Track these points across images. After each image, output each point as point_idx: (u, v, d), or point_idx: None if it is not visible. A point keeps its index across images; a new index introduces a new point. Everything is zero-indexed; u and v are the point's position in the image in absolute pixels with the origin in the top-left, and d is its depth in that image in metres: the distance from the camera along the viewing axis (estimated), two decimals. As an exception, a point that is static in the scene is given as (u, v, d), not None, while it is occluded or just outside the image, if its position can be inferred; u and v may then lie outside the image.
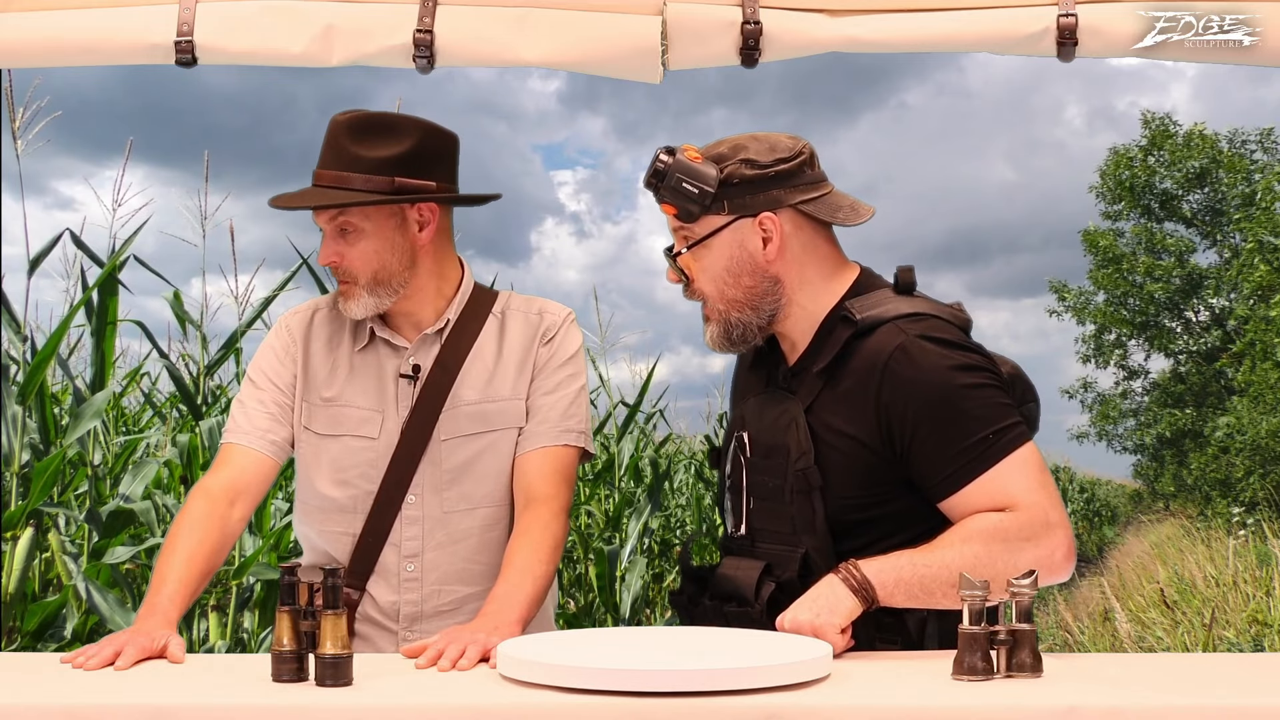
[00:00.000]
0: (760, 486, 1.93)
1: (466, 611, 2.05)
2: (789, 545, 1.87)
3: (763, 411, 1.96)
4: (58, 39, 2.02)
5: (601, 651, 1.61)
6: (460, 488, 2.06)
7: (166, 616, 1.82)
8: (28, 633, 4.10)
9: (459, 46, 2.02)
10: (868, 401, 1.84)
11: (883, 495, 1.86)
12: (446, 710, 1.47)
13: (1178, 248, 23.69)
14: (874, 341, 1.86)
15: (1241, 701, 1.48)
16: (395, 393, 2.07)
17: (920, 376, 1.81)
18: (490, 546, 2.07)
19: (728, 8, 2.00)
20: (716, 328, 1.95)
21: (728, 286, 1.92)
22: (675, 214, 1.91)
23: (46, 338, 4.29)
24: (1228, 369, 21.79)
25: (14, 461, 4.15)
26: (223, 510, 1.99)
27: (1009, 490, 1.78)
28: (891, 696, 1.50)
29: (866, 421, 1.84)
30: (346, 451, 2.07)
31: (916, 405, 1.81)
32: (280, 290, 4.95)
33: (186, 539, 1.94)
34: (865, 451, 1.84)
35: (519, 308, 2.15)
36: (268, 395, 2.09)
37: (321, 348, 2.11)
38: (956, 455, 1.80)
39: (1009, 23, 1.99)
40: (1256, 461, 18.10)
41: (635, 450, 7.51)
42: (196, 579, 1.91)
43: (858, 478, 1.85)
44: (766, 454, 1.92)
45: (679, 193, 1.88)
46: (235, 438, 2.07)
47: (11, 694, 1.53)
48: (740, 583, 1.86)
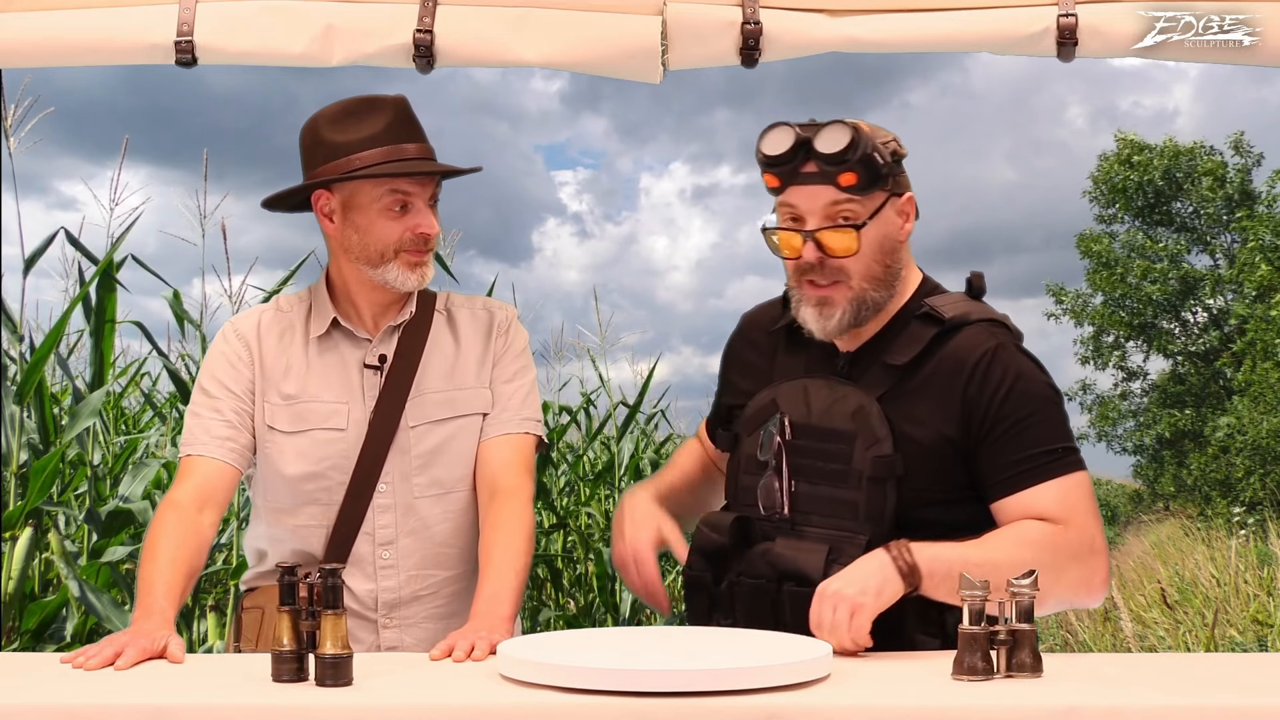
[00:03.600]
0: (810, 470, 1.92)
1: (444, 596, 2.10)
2: (847, 531, 1.87)
3: (812, 396, 1.95)
4: (58, 39, 2.02)
5: (601, 651, 1.61)
6: (430, 473, 2.08)
7: (164, 616, 1.81)
8: (27, 632, 4.10)
9: (459, 46, 2.02)
10: (953, 396, 1.88)
11: (952, 495, 1.89)
12: (446, 710, 1.47)
13: (1168, 251, 23.72)
14: (962, 341, 1.91)
15: (1242, 701, 1.48)
16: (361, 383, 2.09)
17: (1009, 380, 1.88)
18: (464, 530, 2.11)
19: (728, 8, 2.00)
20: (848, 308, 1.91)
21: (874, 263, 1.92)
22: (854, 184, 1.87)
23: (45, 337, 4.29)
24: (1227, 369, 21.80)
25: (13, 461, 4.15)
26: (193, 517, 1.98)
27: (1064, 505, 1.84)
28: (891, 696, 1.50)
29: (950, 415, 1.88)
30: (315, 445, 2.07)
31: (999, 403, 1.87)
32: (280, 288, 4.94)
33: (166, 544, 1.92)
34: (945, 444, 1.88)
35: (463, 305, 2.20)
36: (224, 403, 2.07)
37: (273, 347, 2.11)
38: (1025, 459, 1.86)
39: (1009, 23, 1.99)
40: (1257, 461, 18.11)
41: (636, 450, 7.50)
42: (183, 581, 1.91)
43: (934, 471, 1.88)
44: (821, 438, 1.91)
45: (868, 163, 1.87)
46: (194, 449, 2.05)
47: (11, 694, 1.53)
48: (803, 564, 1.84)
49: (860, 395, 1.92)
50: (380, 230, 2.03)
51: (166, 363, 4.81)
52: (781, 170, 1.90)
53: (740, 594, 1.90)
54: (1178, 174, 23.42)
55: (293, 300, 2.18)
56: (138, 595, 1.89)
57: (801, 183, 1.89)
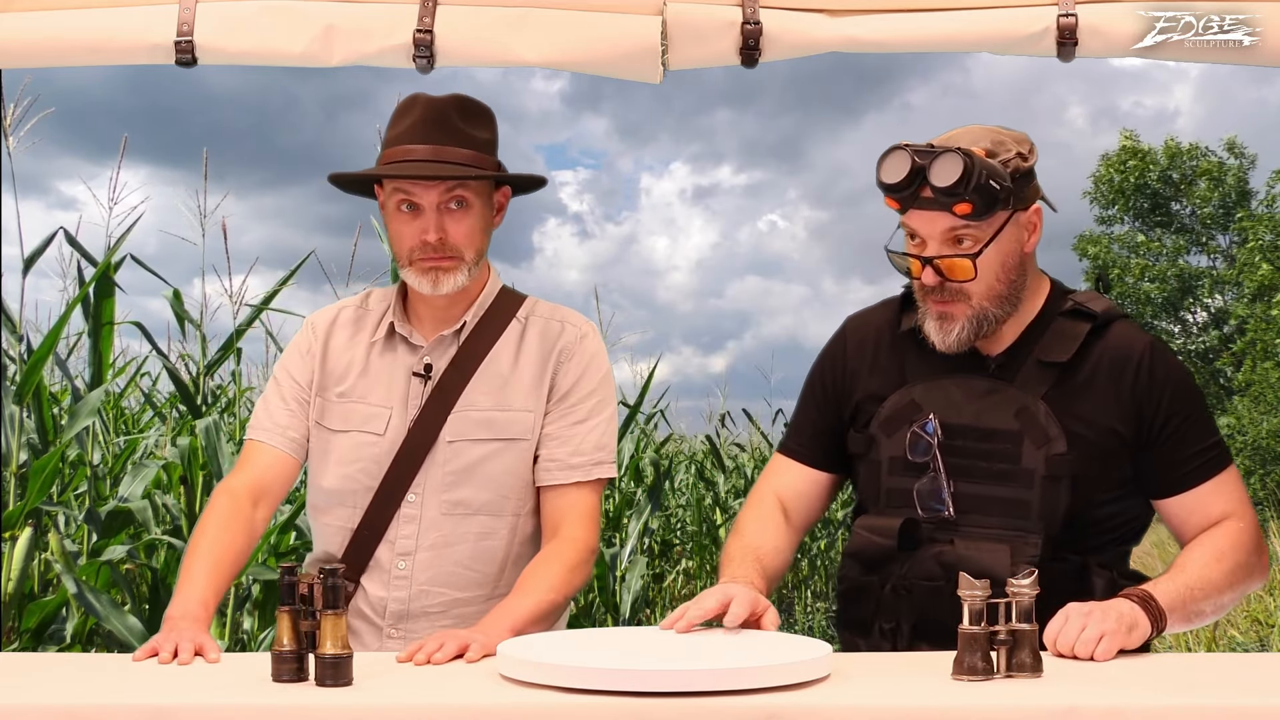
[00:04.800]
0: (971, 469, 1.91)
1: (453, 616, 2.05)
2: (1018, 530, 1.88)
3: (962, 395, 1.95)
4: (58, 39, 2.02)
5: (601, 651, 1.61)
6: (460, 491, 2.05)
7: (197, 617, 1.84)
8: (27, 632, 4.10)
9: (459, 46, 2.02)
10: (1122, 391, 1.92)
11: (1119, 493, 1.94)
12: (446, 710, 1.47)
13: (1166, 250, 23.73)
14: (1118, 336, 1.96)
15: (1242, 702, 1.48)
16: (406, 391, 2.07)
17: (1173, 375, 1.95)
18: (484, 556, 2.06)
19: (728, 8, 2.00)
20: (968, 325, 1.92)
21: (997, 281, 1.93)
22: (969, 213, 1.87)
23: (45, 337, 4.30)
24: (1227, 369, 21.79)
25: (12, 461, 4.15)
26: (246, 510, 2.01)
27: (1235, 499, 1.94)
28: (891, 696, 1.50)
29: (1121, 410, 1.92)
30: (353, 446, 2.07)
31: (1170, 399, 1.93)
32: (280, 288, 4.94)
33: (215, 538, 1.96)
34: (1115, 441, 1.92)
35: (542, 314, 2.13)
36: (288, 392, 2.11)
37: (341, 344, 2.12)
38: (1197, 454, 1.93)
39: (1009, 23, 1.99)
40: (1257, 461, 18.11)
41: (636, 450, 7.50)
42: (225, 577, 1.94)
43: (1104, 468, 1.91)
44: (982, 438, 1.91)
45: (985, 191, 1.87)
46: (256, 434, 2.10)
47: (11, 694, 1.53)
48: (987, 563, 1.84)
49: (1020, 394, 1.92)
50: (396, 232, 2.05)
51: (166, 363, 4.81)
52: (900, 196, 1.90)
53: (912, 597, 1.89)
54: (1174, 175, 23.44)
55: (381, 296, 2.17)
56: (179, 584, 1.92)
57: (920, 207, 1.90)
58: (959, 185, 1.84)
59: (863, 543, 1.95)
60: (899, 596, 1.90)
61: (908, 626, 1.87)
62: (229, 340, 4.78)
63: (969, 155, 1.86)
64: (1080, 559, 1.90)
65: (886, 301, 2.12)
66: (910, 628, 1.87)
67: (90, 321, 4.42)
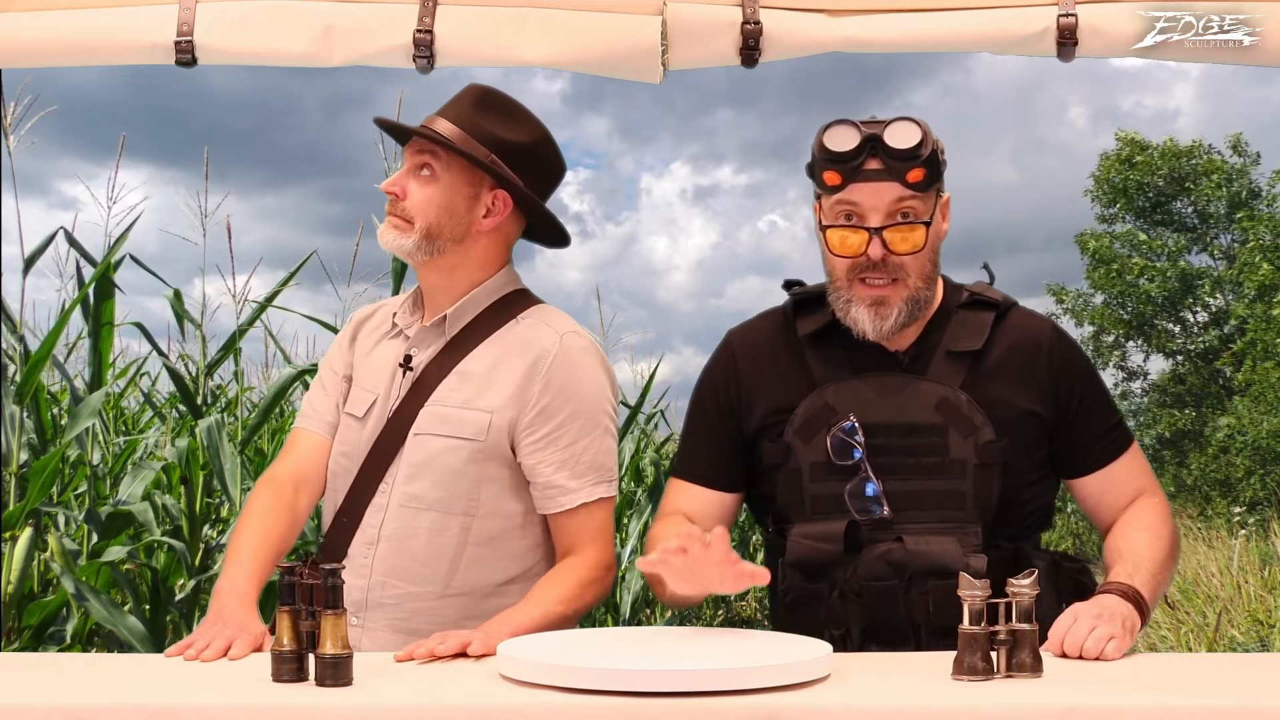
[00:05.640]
0: (898, 466, 1.90)
1: (405, 610, 2.01)
2: (955, 522, 1.88)
3: (878, 394, 1.93)
4: (58, 39, 2.02)
5: (601, 651, 1.61)
6: (416, 485, 2.03)
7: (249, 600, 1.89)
8: (28, 631, 4.10)
9: (459, 46, 2.02)
10: (1036, 374, 1.96)
11: (1040, 475, 1.97)
12: (446, 710, 1.47)
13: (1167, 249, 23.74)
14: (1021, 323, 2.00)
15: (1242, 702, 1.48)
16: (390, 380, 2.09)
17: (1081, 357, 2.03)
18: (436, 554, 2.01)
19: (728, 8, 2.00)
20: (903, 307, 1.91)
21: (928, 262, 1.94)
22: (920, 181, 1.87)
23: (44, 338, 4.29)
24: (1227, 368, 21.80)
25: (12, 461, 4.15)
26: (289, 497, 2.06)
27: (1144, 472, 2.02)
28: (891, 696, 1.50)
29: (1038, 393, 1.95)
30: (344, 429, 2.12)
31: (1081, 379, 2.00)
32: (281, 288, 4.94)
33: (258, 523, 2.01)
34: (1036, 423, 1.95)
35: (540, 321, 2.06)
36: (327, 380, 2.17)
37: (368, 334, 2.18)
38: (1108, 430, 2.00)
39: (1009, 23, 1.99)
40: (1257, 461, 18.10)
41: (636, 450, 7.50)
42: (271, 559, 1.98)
43: (1032, 449, 1.95)
44: (905, 434, 1.91)
45: (933, 160, 1.88)
46: (301, 422, 2.17)
47: (12, 694, 1.53)
48: (939, 557, 1.84)
49: (938, 386, 1.93)
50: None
51: (166, 363, 4.81)
52: (845, 167, 1.87)
53: (861, 600, 1.87)
54: (1176, 174, 23.45)
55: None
56: (224, 568, 1.97)
57: (865, 179, 1.87)
58: (919, 148, 1.85)
59: (805, 551, 1.90)
60: (847, 601, 1.87)
61: (857, 630, 1.85)
62: (229, 340, 4.78)
63: (921, 122, 1.87)
64: (1013, 545, 1.92)
65: (768, 312, 2.09)
66: (860, 631, 1.85)
67: (90, 322, 4.42)
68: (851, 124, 1.87)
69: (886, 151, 1.85)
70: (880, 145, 1.86)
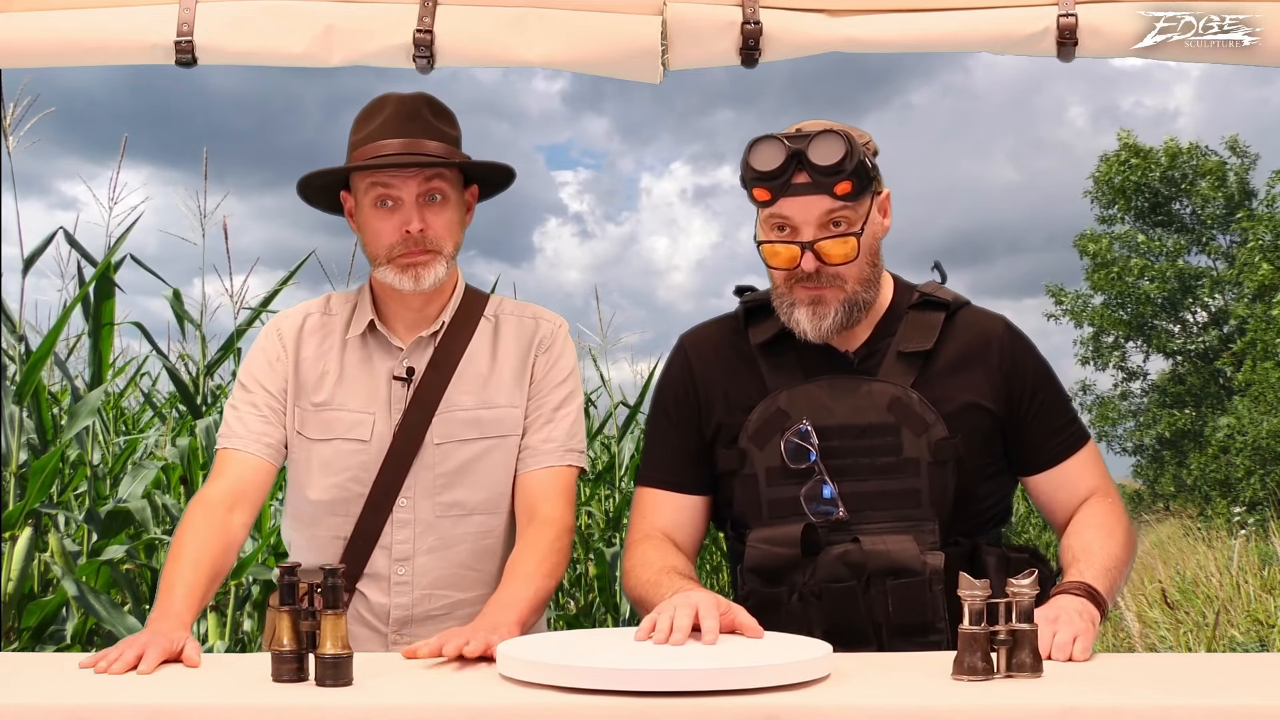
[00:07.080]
0: (853, 468, 1.91)
1: (457, 617, 2.04)
2: (911, 521, 1.89)
3: (831, 396, 1.94)
4: (58, 39, 2.02)
5: (601, 651, 1.61)
6: (454, 493, 2.04)
7: (180, 619, 1.79)
8: (28, 631, 4.10)
9: (459, 46, 2.02)
10: (990, 371, 1.96)
11: (995, 470, 1.98)
12: (446, 710, 1.47)
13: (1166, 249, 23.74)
14: (971, 320, 2.01)
15: (1242, 702, 1.48)
16: (388, 395, 2.06)
17: (1033, 353, 2.02)
18: (484, 554, 2.06)
19: (728, 8, 2.00)
20: (840, 308, 1.92)
21: (866, 265, 1.94)
22: (849, 192, 1.87)
23: (44, 337, 4.29)
24: (1227, 368, 21.80)
25: (12, 461, 4.15)
26: (222, 516, 1.96)
27: (1098, 471, 2.01)
28: (891, 696, 1.50)
29: (991, 389, 1.96)
30: (338, 455, 2.05)
31: (1034, 375, 2.00)
32: (281, 288, 4.95)
33: (190, 545, 1.90)
34: (989, 419, 1.95)
35: (513, 312, 2.14)
36: (259, 398, 2.07)
37: (312, 353, 2.09)
38: (1062, 427, 2.00)
39: (1009, 23, 1.99)
40: (1257, 461, 18.11)
41: (636, 450, 7.50)
42: (204, 584, 1.88)
43: (985, 445, 1.95)
44: (858, 435, 1.91)
45: (861, 170, 1.88)
46: (230, 442, 2.05)
47: (14, 694, 1.53)
48: (897, 557, 1.84)
49: (889, 386, 1.93)
50: (374, 229, 2.02)
51: (166, 363, 4.81)
52: (772, 184, 1.88)
53: (821, 602, 1.87)
54: (1175, 174, 23.45)
55: (343, 299, 2.15)
56: (158, 595, 1.88)
57: (794, 194, 1.88)
58: (844, 162, 1.85)
59: (762, 555, 1.91)
60: (807, 604, 1.87)
61: (819, 633, 1.83)
62: (229, 340, 4.78)
63: (846, 134, 1.87)
64: (970, 541, 1.93)
65: (721, 318, 2.10)
66: (822, 633, 1.83)
67: (90, 321, 4.41)
68: (777, 140, 1.88)
69: (812, 167, 1.86)
70: (805, 161, 1.86)
